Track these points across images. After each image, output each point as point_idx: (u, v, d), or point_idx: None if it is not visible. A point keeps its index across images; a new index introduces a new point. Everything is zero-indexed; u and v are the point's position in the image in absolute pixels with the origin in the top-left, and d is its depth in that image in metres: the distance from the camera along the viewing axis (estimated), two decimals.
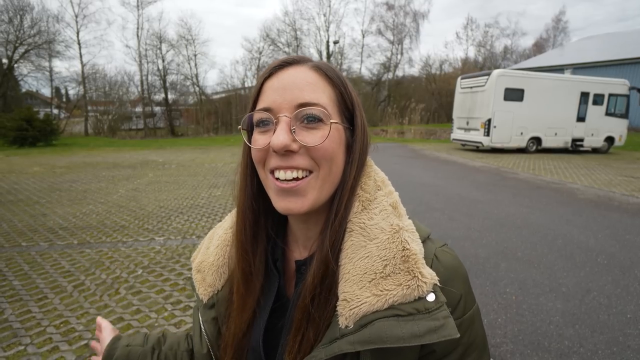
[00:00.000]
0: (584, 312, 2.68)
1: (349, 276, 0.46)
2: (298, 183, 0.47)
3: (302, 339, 0.48)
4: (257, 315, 0.54)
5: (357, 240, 0.47)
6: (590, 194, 6.65)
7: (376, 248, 0.46)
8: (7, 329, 2.42)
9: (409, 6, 32.69)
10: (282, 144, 0.45)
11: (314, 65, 0.49)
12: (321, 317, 0.47)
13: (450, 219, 4.99)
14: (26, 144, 14.41)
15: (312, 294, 0.47)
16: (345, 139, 0.51)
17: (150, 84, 25.26)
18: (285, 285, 0.55)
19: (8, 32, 20.37)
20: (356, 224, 0.48)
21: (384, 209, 0.49)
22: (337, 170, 0.49)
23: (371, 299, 0.44)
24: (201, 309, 0.59)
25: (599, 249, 3.93)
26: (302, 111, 0.46)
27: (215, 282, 0.58)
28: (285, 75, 0.48)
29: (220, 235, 0.61)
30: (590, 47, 24.71)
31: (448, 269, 0.49)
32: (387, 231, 0.47)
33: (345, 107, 0.51)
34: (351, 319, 0.44)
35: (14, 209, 5.38)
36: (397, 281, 0.44)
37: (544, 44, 37.37)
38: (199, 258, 0.62)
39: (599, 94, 13.02)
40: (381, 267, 0.45)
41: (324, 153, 0.47)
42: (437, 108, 31.04)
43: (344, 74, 0.53)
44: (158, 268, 3.38)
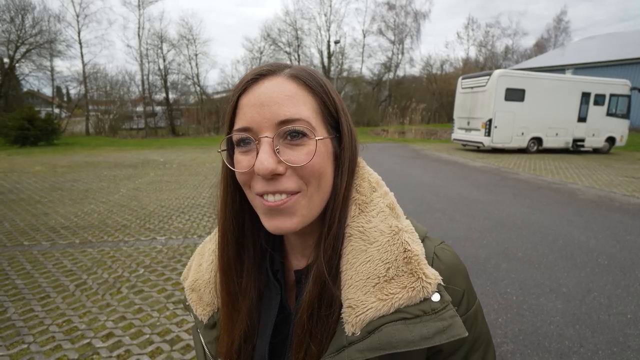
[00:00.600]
0: (585, 313, 2.69)
1: (352, 282, 0.45)
2: (286, 201, 0.44)
3: (305, 354, 0.47)
4: (259, 329, 0.53)
5: (357, 244, 0.46)
6: (591, 194, 6.65)
7: (377, 251, 0.45)
8: (10, 328, 2.43)
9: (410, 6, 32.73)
10: (267, 170, 0.42)
11: (291, 75, 0.46)
12: (322, 330, 0.46)
13: (450, 219, 5.00)
14: (28, 144, 14.44)
15: (309, 311, 0.46)
16: (332, 149, 0.48)
17: (151, 83, 25.31)
18: (288, 296, 0.54)
19: (10, 32, 20.42)
20: (355, 228, 0.47)
21: (381, 210, 0.48)
22: (326, 184, 0.47)
23: (377, 304, 0.43)
24: (202, 330, 0.56)
25: (599, 249, 3.93)
26: (285, 129, 0.43)
27: (214, 299, 0.55)
28: (262, 89, 0.44)
29: (213, 250, 0.57)
30: (591, 47, 24.68)
31: (449, 266, 0.49)
32: (387, 233, 0.46)
33: (329, 115, 0.48)
34: (358, 326, 0.43)
35: (16, 208, 5.40)
36: (401, 284, 0.44)
37: (545, 44, 37.36)
38: (191, 277, 0.59)
39: (600, 94, 13.00)
40: (384, 270, 0.44)
41: (312, 171, 0.44)
42: (438, 108, 31.02)
43: (345, 74, 0.51)
44: (160, 267, 3.40)
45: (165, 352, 2.21)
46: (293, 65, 0.49)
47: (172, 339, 2.33)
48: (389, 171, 8.77)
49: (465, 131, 13.14)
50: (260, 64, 0.49)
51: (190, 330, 2.44)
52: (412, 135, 20.34)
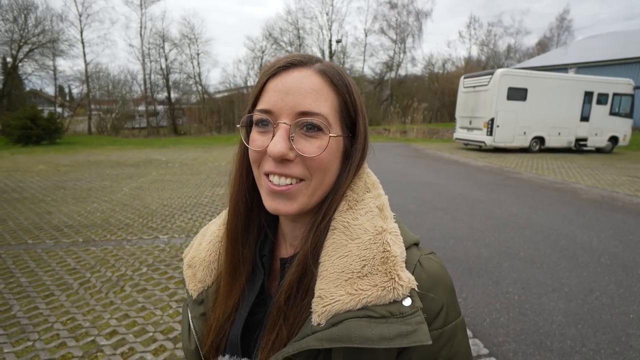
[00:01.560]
0: (587, 312, 2.69)
1: (326, 273, 0.46)
2: (289, 187, 0.47)
3: (275, 337, 0.47)
4: (240, 308, 0.55)
5: (338, 238, 0.47)
6: (594, 194, 6.63)
7: (357, 247, 0.46)
8: (16, 325, 2.45)
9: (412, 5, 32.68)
10: (280, 153, 0.45)
11: (319, 70, 0.48)
12: (296, 315, 0.47)
13: (452, 218, 5.00)
14: (30, 143, 14.50)
15: (287, 293, 0.47)
16: (343, 147, 0.50)
17: (153, 82, 25.37)
18: (269, 282, 0.55)
19: (12, 31, 20.52)
20: (340, 222, 0.48)
21: (370, 210, 0.49)
22: (330, 178, 0.49)
23: (345, 297, 0.43)
24: (190, 305, 0.58)
25: (602, 249, 3.93)
26: (303, 120, 0.46)
27: (206, 277, 0.58)
28: (290, 78, 0.46)
29: (213, 232, 0.61)
30: (594, 46, 24.55)
31: (431, 276, 0.48)
32: (370, 232, 0.47)
33: (347, 114, 0.50)
34: (323, 316, 0.44)
35: (20, 207, 5.43)
36: (373, 282, 0.44)
37: (548, 43, 37.22)
38: (190, 253, 0.62)
39: (603, 94, 12.94)
40: (359, 266, 0.45)
41: (319, 164, 0.47)
42: (440, 107, 30.96)
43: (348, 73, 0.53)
44: (162, 266, 3.42)
45: (169, 350, 2.22)
46: (324, 60, 0.50)
47: (175, 337, 2.35)
48: (391, 170, 8.77)
49: (467, 130, 13.11)
50: (292, 54, 0.50)
51: None
52: (413, 135, 20.31)
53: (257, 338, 0.52)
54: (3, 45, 20.64)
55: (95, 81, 24.49)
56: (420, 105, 23.58)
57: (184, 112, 27.97)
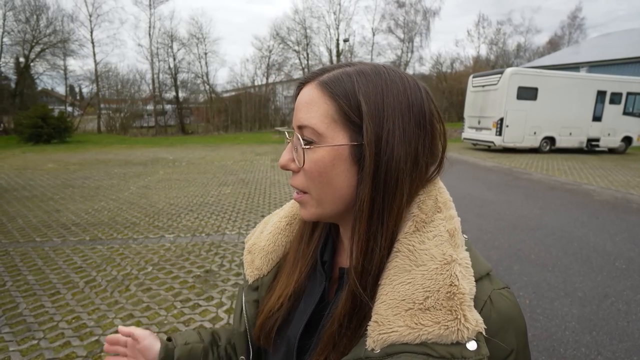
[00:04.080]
0: (602, 319, 2.60)
1: (385, 298, 0.43)
2: (299, 196, 0.50)
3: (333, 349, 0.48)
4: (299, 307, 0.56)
5: (402, 262, 0.43)
6: (607, 195, 6.47)
7: (421, 276, 0.42)
8: (22, 323, 2.46)
9: (420, 4, 32.34)
10: (281, 164, 0.50)
11: (320, 82, 0.46)
12: (348, 342, 0.46)
13: (461, 219, 4.91)
14: (41, 141, 14.72)
15: (339, 323, 0.46)
16: (350, 155, 0.45)
17: (161, 82, 25.55)
18: (329, 289, 0.55)
19: (25, 32, 20.86)
20: (404, 245, 0.44)
21: (439, 234, 0.44)
22: (334, 192, 0.46)
23: (403, 329, 0.40)
24: (246, 289, 0.61)
25: (616, 252, 3.81)
26: (301, 133, 0.47)
27: (263, 266, 0.60)
28: (299, 95, 0.49)
29: (274, 222, 0.63)
30: (608, 44, 24.05)
31: (502, 316, 0.43)
32: (438, 260, 0.42)
33: (350, 121, 0.45)
34: (379, 344, 0.41)
35: (29, 204, 5.49)
36: (435, 318, 0.40)
37: (559, 41, 36.56)
38: (252, 240, 0.65)
39: (616, 93, 12.67)
40: (422, 298, 0.41)
41: (310, 175, 0.47)
42: (448, 107, 30.67)
43: None
44: (168, 265, 3.41)
45: None
46: (348, 68, 0.46)
47: None
48: None
49: (475, 130, 12.94)
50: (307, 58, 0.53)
51: (197, 329, 2.43)
52: None
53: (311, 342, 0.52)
54: (16, 45, 21.04)
55: (105, 81, 24.78)
56: None
57: (192, 112, 28.15)
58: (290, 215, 0.62)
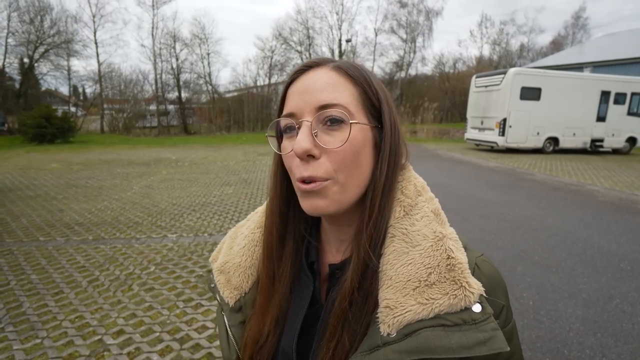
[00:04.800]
0: (606, 320, 2.58)
1: (391, 282, 0.45)
2: (318, 184, 0.46)
3: (336, 345, 0.46)
4: (287, 318, 0.53)
5: (399, 246, 0.46)
6: (611, 196, 6.42)
7: (419, 255, 0.45)
8: (25, 322, 2.47)
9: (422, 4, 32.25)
10: (303, 149, 0.44)
11: (335, 66, 0.48)
12: (358, 322, 0.46)
13: (464, 220, 4.89)
14: (45, 141, 14.80)
15: (350, 297, 0.46)
16: (372, 138, 0.49)
17: (164, 82, 25.64)
18: (319, 290, 0.54)
19: (29, 33, 20.98)
20: (398, 229, 0.47)
21: (425, 215, 0.48)
22: (361, 172, 0.48)
23: (416, 307, 0.43)
24: (227, 313, 0.57)
25: (621, 254, 3.78)
26: (323, 113, 0.45)
27: (242, 284, 0.56)
28: (307, 78, 0.47)
29: (246, 235, 0.59)
30: (612, 44, 23.89)
31: (490, 279, 0.47)
32: (430, 238, 0.46)
33: (371, 105, 0.49)
34: (394, 327, 0.43)
35: (33, 204, 5.52)
36: (443, 290, 0.43)
37: (562, 41, 36.36)
38: (221, 259, 0.59)
39: (620, 93, 12.59)
40: (425, 275, 0.44)
41: (344, 156, 0.45)
42: (451, 107, 30.59)
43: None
44: (170, 265, 3.41)
45: (175, 351, 2.20)
46: (339, 60, 0.51)
47: (181, 338, 2.33)
48: None
49: (478, 131, 12.90)
50: (309, 59, 0.51)
51: (199, 329, 2.43)
52: (424, 135, 20.10)
53: (310, 347, 0.50)
54: (20, 46, 21.16)
55: (108, 81, 24.90)
56: (431, 105, 23.32)
57: (194, 112, 28.23)
58: (264, 225, 0.58)
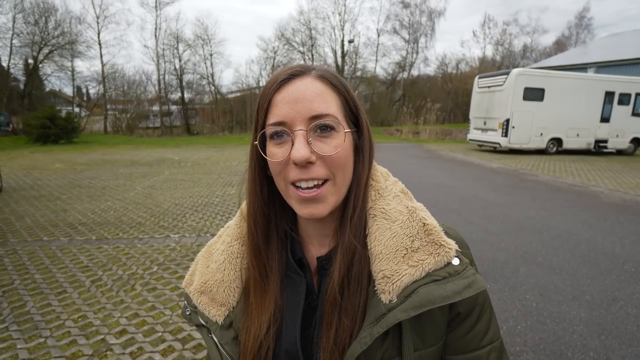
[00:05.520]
0: (611, 322, 2.56)
1: (382, 256, 0.50)
2: (319, 191, 0.49)
3: (336, 331, 0.50)
4: (284, 319, 0.55)
5: (381, 223, 0.52)
6: (616, 197, 6.38)
7: (400, 228, 0.51)
8: (29, 321, 2.48)
9: (425, 4, 32.21)
10: (303, 157, 0.47)
11: (319, 75, 0.51)
12: (354, 303, 0.50)
13: (466, 221, 4.87)
14: (49, 141, 14.90)
15: (340, 284, 0.50)
16: (353, 142, 0.54)
17: (167, 83, 25.77)
18: (312, 283, 0.56)
19: (34, 34, 21.14)
20: (377, 210, 0.53)
21: (396, 195, 0.55)
22: (349, 172, 0.53)
23: (409, 270, 0.49)
24: (217, 332, 0.56)
25: (625, 255, 3.76)
26: (316, 123, 0.49)
27: (229, 299, 0.57)
28: (294, 87, 0.49)
29: (224, 250, 0.59)
30: (616, 44, 23.73)
31: (457, 238, 0.54)
32: (405, 213, 0.53)
33: (350, 111, 0.54)
34: (394, 293, 0.48)
35: (37, 204, 5.56)
36: (427, 251, 0.50)
37: (566, 42, 36.19)
38: (198, 280, 0.59)
39: (625, 94, 12.51)
40: (409, 242, 0.50)
41: (339, 161, 0.50)
42: (453, 108, 30.51)
43: (359, 73, 0.54)
44: (173, 265, 3.42)
45: (177, 351, 2.21)
46: (316, 66, 0.54)
47: (183, 338, 2.34)
48: (403, 171, 8.64)
49: (481, 131, 12.85)
50: (287, 66, 0.54)
51: None
52: (426, 136, 20.05)
53: (312, 340, 0.53)
54: (25, 47, 21.32)
55: (112, 82, 25.03)
56: (433, 106, 23.27)
57: (197, 112, 28.33)
58: (241, 236, 0.58)
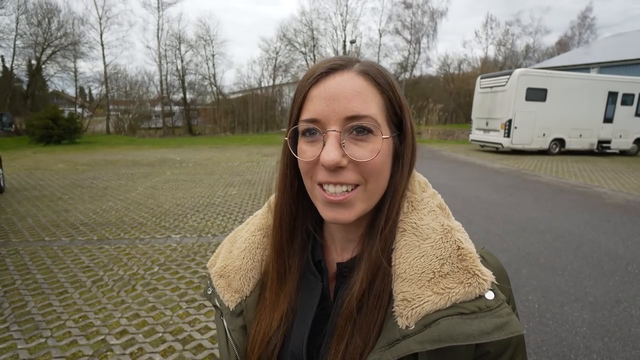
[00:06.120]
0: (614, 324, 2.54)
1: (405, 275, 0.45)
2: (346, 196, 0.46)
3: (346, 347, 0.46)
4: (295, 318, 0.53)
5: (410, 240, 0.47)
6: (619, 198, 6.34)
7: (431, 247, 0.46)
8: (30, 321, 2.49)
9: (427, 4, 32.13)
10: (333, 162, 0.43)
11: (361, 71, 0.46)
12: (370, 323, 0.46)
13: (468, 222, 4.85)
14: (51, 142, 14.97)
15: (358, 299, 0.46)
16: (393, 147, 0.49)
17: (169, 83, 25.82)
18: (327, 288, 0.54)
19: (37, 35, 21.27)
20: (408, 224, 0.48)
21: (432, 209, 0.49)
22: (384, 180, 0.48)
23: (433, 297, 0.43)
24: (227, 317, 0.56)
25: (629, 257, 3.73)
26: (352, 124, 0.45)
27: (243, 287, 0.56)
28: (332, 83, 0.45)
29: (246, 238, 0.58)
30: (620, 45, 23.62)
31: (495, 268, 0.48)
32: (439, 231, 0.47)
33: (393, 113, 0.49)
34: (413, 319, 0.43)
35: (39, 204, 5.57)
36: (457, 279, 0.44)
37: (569, 42, 36.04)
38: (220, 263, 0.59)
39: (628, 94, 12.45)
40: (438, 266, 0.45)
41: (373, 167, 0.46)
42: (455, 108, 30.44)
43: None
44: (174, 265, 3.42)
45: (177, 352, 2.20)
46: (362, 60, 0.49)
47: (184, 338, 2.33)
48: None
49: (483, 132, 12.81)
50: (331, 57, 0.49)
51: (202, 330, 2.43)
52: (428, 136, 20.01)
53: (320, 348, 0.50)
54: (28, 48, 21.46)
55: (114, 82, 25.15)
56: (435, 106, 23.25)
57: (199, 113, 28.37)
58: (265, 227, 0.58)
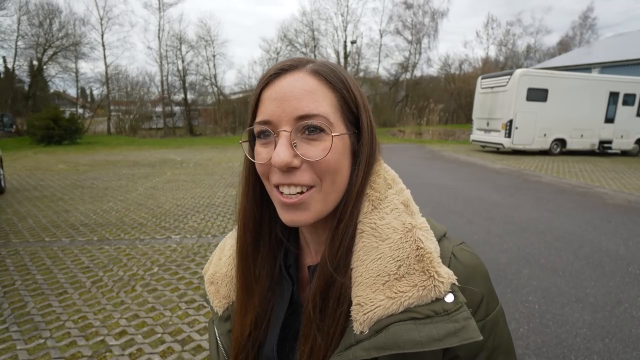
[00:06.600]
0: (615, 325, 2.53)
1: (361, 279, 0.44)
2: (300, 198, 0.45)
3: (310, 349, 0.46)
4: (271, 322, 0.53)
5: (368, 241, 0.45)
6: (620, 198, 6.32)
7: (389, 249, 0.44)
8: (29, 322, 2.49)
9: (427, 5, 32.17)
10: (283, 162, 0.43)
11: (312, 70, 0.46)
12: (331, 325, 0.45)
13: (469, 222, 4.84)
14: (52, 142, 15.00)
15: (314, 302, 0.46)
16: (350, 145, 0.48)
17: (170, 84, 25.85)
18: (300, 292, 0.54)
19: (38, 36, 21.32)
20: (367, 224, 0.46)
21: (395, 207, 0.47)
22: (342, 180, 0.47)
23: (385, 302, 0.42)
24: (217, 322, 0.58)
25: (630, 257, 3.71)
26: (303, 123, 0.44)
27: (230, 293, 0.57)
28: (283, 83, 0.45)
29: (232, 245, 0.59)
30: (621, 45, 23.56)
31: (467, 267, 0.46)
32: (400, 230, 0.45)
33: (349, 111, 0.48)
34: (366, 324, 0.42)
35: (39, 204, 5.58)
36: (412, 282, 0.42)
37: (570, 42, 35.98)
38: (211, 270, 0.60)
39: (629, 94, 12.42)
40: (395, 268, 0.43)
41: (327, 166, 0.45)
42: (456, 109, 30.41)
43: (361, 75, 0.49)
44: (174, 266, 3.42)
45: (177, 352, 2.20)
46: (316, 60, 0.49)
47: (183, 339, 2.33)
48: (406, 172, 8.59)
49: (484, 132, 12.80)
50: (284, 59, 0.49)
51: (201, 330, 2.43)
52: (429, 136, 19.99)
53: (294, 350, 0.51)
54: (29, 48, 21.50)
55: (115, 83, 25.17)
56: (436, 107, 23.20)
57: (200, 113, 28.39)
58: (237, 230, 0.58)
